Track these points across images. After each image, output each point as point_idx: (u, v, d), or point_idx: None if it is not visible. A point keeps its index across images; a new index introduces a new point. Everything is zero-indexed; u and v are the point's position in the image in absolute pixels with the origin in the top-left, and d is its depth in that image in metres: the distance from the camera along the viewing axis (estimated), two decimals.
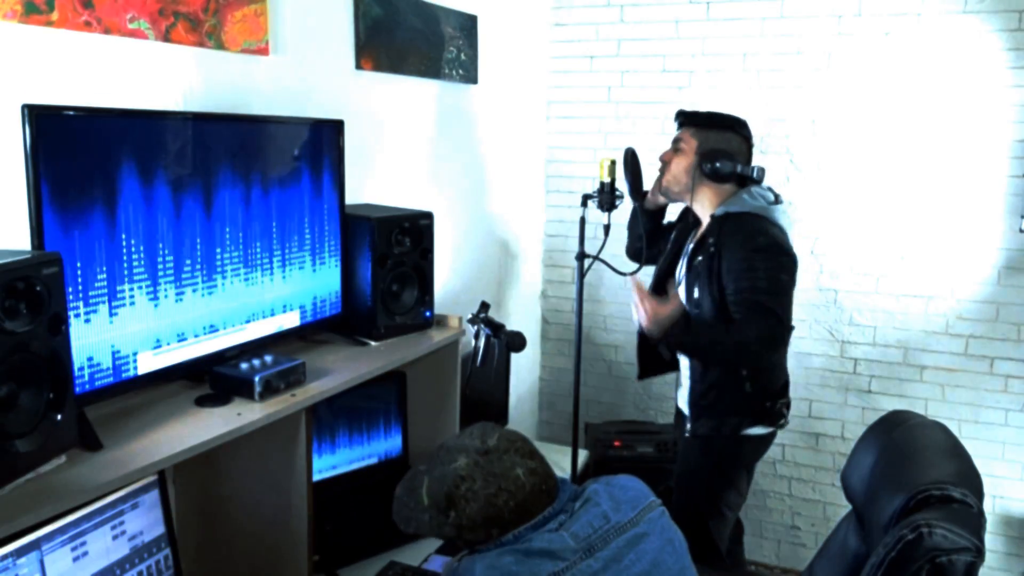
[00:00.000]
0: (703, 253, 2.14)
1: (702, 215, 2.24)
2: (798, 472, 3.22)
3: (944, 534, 1.23)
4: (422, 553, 1.93)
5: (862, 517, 1.60)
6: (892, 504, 1.37)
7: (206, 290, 1.57)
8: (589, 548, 1.21)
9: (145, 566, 1.48)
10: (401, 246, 1.94)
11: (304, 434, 1.59)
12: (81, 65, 1.47)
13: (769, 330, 2.03)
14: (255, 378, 1.52)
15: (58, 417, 1.17)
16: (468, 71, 2.77)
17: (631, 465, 2.67)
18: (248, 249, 1.67)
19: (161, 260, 1.47)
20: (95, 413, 1.37)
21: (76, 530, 1.33)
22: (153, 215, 1.44)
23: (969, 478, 1.41)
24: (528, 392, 3.57)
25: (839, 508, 2.97)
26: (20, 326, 1.10)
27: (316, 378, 1.66)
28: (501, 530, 1.24)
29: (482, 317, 2.26)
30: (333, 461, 2.07)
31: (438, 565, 1.87)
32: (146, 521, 1.48)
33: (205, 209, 1.55)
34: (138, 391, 1.49)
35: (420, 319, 2.03)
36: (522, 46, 3.19)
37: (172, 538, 1.54)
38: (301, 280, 1.83)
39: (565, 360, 3.52)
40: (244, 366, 1.57)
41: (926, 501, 1.33)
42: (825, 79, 2.95)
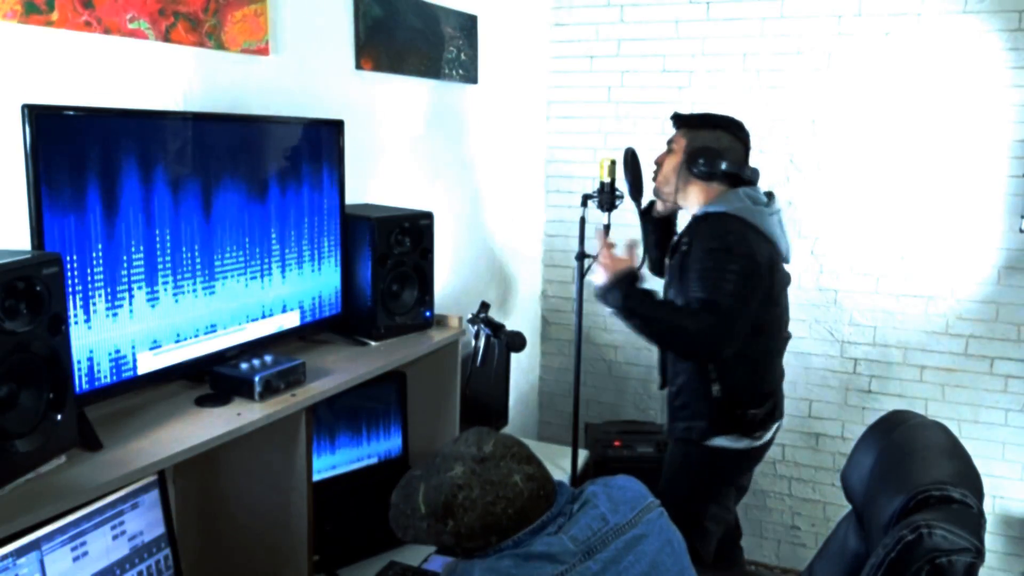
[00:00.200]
0: (678, 252, 2.13)
1: (689, 215, 2.23)
2: (798, 472, 3.22)
3: (944, 535, 1.23)
4: (422, 553, 1.93)
5: (862, 517, 1.60)
6: (892, 504, 1.37)
7: (206, 290, 1.58)
8: (588, 551, 1.20)
9: (145, 566, 1.48)
10: (401, 246, 1.94)
11: (304, 434, 1.59)
12: (81, 65, 1.47)
13: (710, 327, 1.97)
14: (255, 378, 1.52)
15: (58, 417, 1.17)
16: (468, 71, 2.77)
17: (631, 465, 2.67)
18: (248, 249, 1.67)
19: (161, 260, 1.47)
20: (95, 413, 1.37)
21: (76, 530, 1.33)
22: (153, 215, 1.44)
23: (969, 478, 1.41)
24: (528, 392, 3.57)
25: (839, 508, 2.97)
26: (20, 326, 1.10)
27: (316, 378, 1.66)
28: (500, 537, 1.23)
29: (482, 317, 2.26)
30: (333, 461, 2.07)
31: (438, 565, 1.87)
32: (146, 521, 1.48)
33: (205, 209, 1.55)
34: (138, 391, 1.50)
35: (420, 319, 2.03)
36: (522, 46, 3.19)
37: (172, 538, 1.54)
38: (301, 280, 1.83)
39: (565, 360, 3.52)
40: (244, 366, 1.57)
41: (926, 501, 1.33)
42: (825, 79, 2.95)
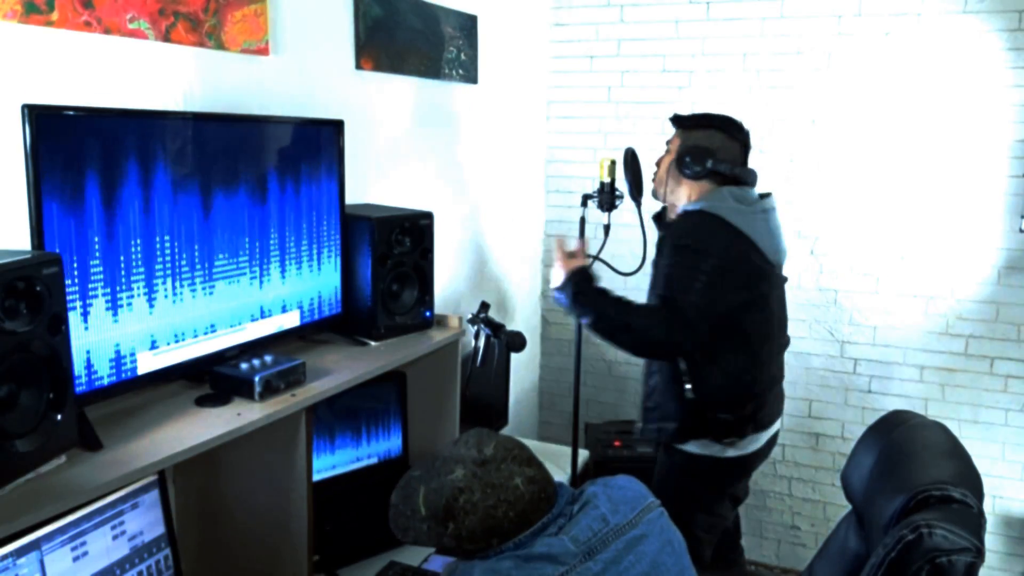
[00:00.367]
0: (657, 251, 2.12)
1: None
2: (798, 472, 3.22)
3: (944, 534, 1.23)
4: (422, 553, 1.93)
5: (862, 517, 1.60)
6: (892, 504, 1.37)
7: (206, 290, 1.57)
8: (589, 551, 1.20)
9: (145, 566, 1.48)
10: (401, 246, 1.94)
11: (304, 434, 1.59)
12: (81, 65, 1.47)
13: (660, 323, 1.95)
14: (255, 378, 1.52)
15: (58, 417, 1.17)
16: (468, 71, 2.77)
17: (631, 465, 2.66)
18: (248, 249, 1.67)
19: (161, 260, 1.47)
20: (95, 413, 1.37)
21: (76, 530, 1.33)
22: (153, 215, 1.44)
23: (969, 478, 1.41)
24: (528, 392, 3.56)
25: (839, 508, 2.97)
26: (20, 326, 1.10)
27: (316, 378, 1.66)
28: (501, 539, 1.23)
29: (482, 317, 2.26)
30: (333, 461, 2.07)
31: (438, 565, 1.87)
32: (146, 521, 1.48)
33: (205, 209, 1.55)
34: (138, 391, 1.49)
35: (420, 319, 2.03)
36: (522, 46, 3.19)
37: (172, 538, 1.54)
38: (301, 280, 1.83)
39: (565, 360, 3.52)
40: (244, 366, 1.57)
41: (926, 501, 1.33)
42: (825, 79, 2.95)
